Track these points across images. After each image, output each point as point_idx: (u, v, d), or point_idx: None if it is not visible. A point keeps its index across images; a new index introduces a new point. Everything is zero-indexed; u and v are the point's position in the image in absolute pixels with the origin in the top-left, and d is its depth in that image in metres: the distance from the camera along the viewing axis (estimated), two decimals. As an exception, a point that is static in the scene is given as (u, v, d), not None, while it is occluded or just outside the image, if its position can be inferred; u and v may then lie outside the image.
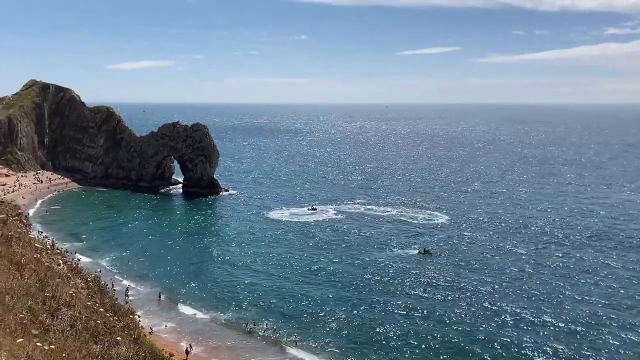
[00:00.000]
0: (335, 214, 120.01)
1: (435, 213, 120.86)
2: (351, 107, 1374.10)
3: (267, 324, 61.77)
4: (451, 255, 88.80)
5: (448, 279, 77.05)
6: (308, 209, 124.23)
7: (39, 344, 9.64)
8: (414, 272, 79.75)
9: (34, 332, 10.26)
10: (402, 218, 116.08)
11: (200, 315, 65.36)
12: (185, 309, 66.94)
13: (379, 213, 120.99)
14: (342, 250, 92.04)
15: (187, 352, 53.11)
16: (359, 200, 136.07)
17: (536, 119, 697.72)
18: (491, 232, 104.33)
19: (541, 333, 59.47)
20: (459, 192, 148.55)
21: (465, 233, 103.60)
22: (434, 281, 76.04)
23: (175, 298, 70.54)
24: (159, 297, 70.47)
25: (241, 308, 67.08)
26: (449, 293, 71.47)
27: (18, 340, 9.32)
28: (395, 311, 65.65)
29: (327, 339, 57.97)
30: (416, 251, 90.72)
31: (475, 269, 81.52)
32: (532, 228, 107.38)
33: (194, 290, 73.34)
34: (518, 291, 72.21)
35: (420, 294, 71.29)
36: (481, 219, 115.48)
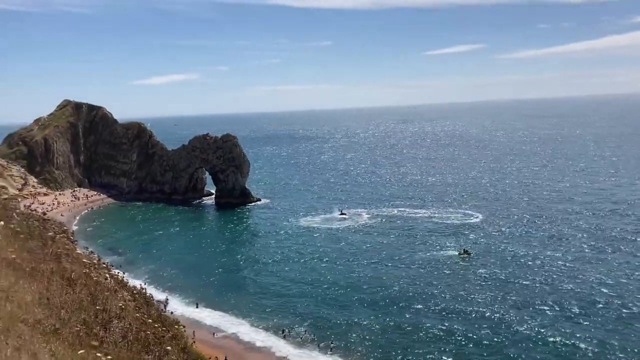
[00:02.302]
0: (369, 218, 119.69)
1: (470, 212, 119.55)
2: (377, 111, 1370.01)
3: (302, 330, 62.00)
4: (490, 255, 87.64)
5: (490, 280, 76.01)
6: (338, 214, 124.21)
7: (98, 354, 10.00)
8: (456, 274, 78.88)
9: (94, 343, 10.62)
10: (437, 219, 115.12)
11: (235, 322, 66.03)
12: (221, 317, 67.65)
13: (413, 215, 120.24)
14: (378, 255, 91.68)
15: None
16: (391, 203, 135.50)
17: (566, 112, 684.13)
18: (528, 229, 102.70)
19: (583, 335, 58.23)
20: (492, 191, 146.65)
21: (502, 231, 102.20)
22: (476, 283, 75.09)
23: (211, 307, 71.30)
24: (196, 306, 71.40)
25: (276, 315, 67.43)
26: (492, 294, 70.49)
27: (79, 352, 9.66)
28: (440, 315, 65.01)
29: (364, 345, 57.80)
30: (456, 252, 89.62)
31: (517, 269, 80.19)
32: (572, 227, 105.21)
33: (230, 299, 74.04)
34: (559, 290, 70.90)
35: (465, 296, 70.39)
36: (517, 216, 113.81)
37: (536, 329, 58.93)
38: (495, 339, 57.15)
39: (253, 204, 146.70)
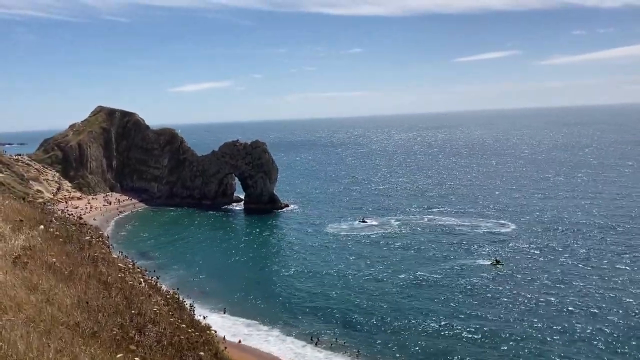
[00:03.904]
0: (398, 226, 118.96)
1: (501, 221, 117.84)
2: (408, 117, 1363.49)
3: (332, 337, 61.87)
4: (523, 265, 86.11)
5: (522, 292, 74.63)
6: (359, 222, 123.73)
7: (136, 358, 10.15)
8: (487, 284, 77.68)
9: (132, 347, 10.78)
10: (468, 227, 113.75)
11: (263, 328, 66.27)
12: (250, 323, 67.94)
13: (443, 223, 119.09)
14: (407, 262, 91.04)
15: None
16: (420, 210, 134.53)
17: (606, 120, 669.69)
18: (563, 242, 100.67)
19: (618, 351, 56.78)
20: (525, 201, 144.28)
21: (535, 242, 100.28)
22: (507, 294, 73.83)
23: (239, 313, 71.65)
24: (224, 311, 71.86)
25: (306, 321, 67.44)
26: (523, 307, 69.32)
27: (118, 356, 9.82)
28: (470, 324, 64.22)
29: (392, 351, 57.40)
30: (487, 262, 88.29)
31: (551, 280, 78.59)
32: (606, 236, 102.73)
33: (258, 305, 74.34)
34: (590, 309, 69.33)
35: (497, 306, 69.38)
36: (551, 228, 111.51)
37: (563, 345, 57.51)
38: (525, 349, 56.14)
39: (281, 210, 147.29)
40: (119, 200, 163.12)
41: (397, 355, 56.76)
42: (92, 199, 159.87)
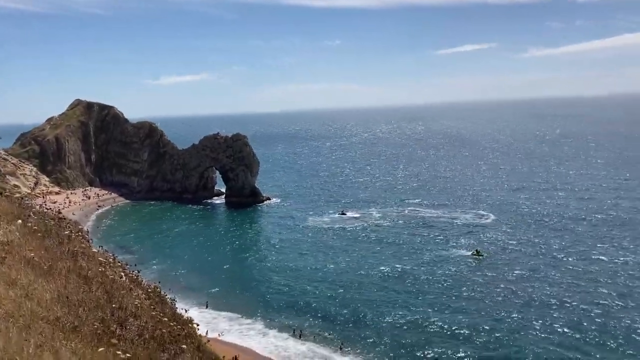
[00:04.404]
0: (380, 217, 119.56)
1: (481, 212, 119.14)
2: (390, 110, 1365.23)
3: (316, 329, 62.14)
4: (503, 255, 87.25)
5: (502, 282, 75.59)
6: (339, 214, 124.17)
7: (118, 352, 10.10)
8: (468, 275, 78.60)
9: (113, 341, 10.73)
10: (448, 218, 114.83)
11: (246, 321, 66.30)
12: (232, 317, 67.88)
13: (424, 214, 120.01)
14: (388, 254, 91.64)
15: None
16: (401, 202, 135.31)
17: (582, 112, 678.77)
18: (541, 231, 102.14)
19: (587, 342, 57.88)
20: (504, 192, 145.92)
21: (514, 232, 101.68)
22: (488, 283, 74.78)
23: (221, 307, 71.52)
24: (206, 306, 71.67)
25: (287, 314, 67.63)
26: (504, 296, 70.22)
27: (99, 350, 9.77)
28: (452, 315, 64.90)
29: (376, 342, 57.86)
30: (468, 252, 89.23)
31: (530, 270, 79.74)
32: (586, 231, 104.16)
33: (240, 299, 74.34)
34: (567, 297, 70.55)
35: (478, 296, 70.16)
36: (529, 218, 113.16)
37: (541, 334, 58.36)
38: (503, 341, 56.97)
39: (263, 203, 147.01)
40: (98, 194, 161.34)
41: (380, 347, 57.18)
42: (71, 193, 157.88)
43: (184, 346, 15.02)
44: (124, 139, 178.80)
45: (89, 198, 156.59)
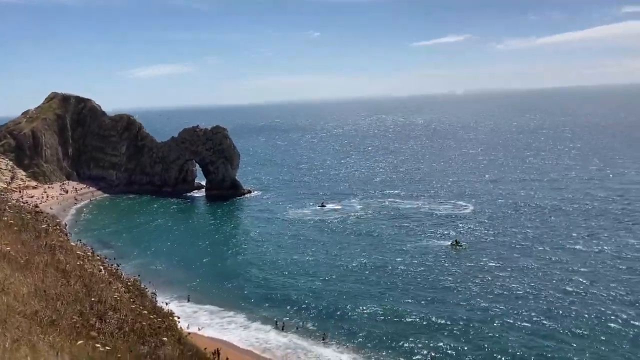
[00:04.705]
0: (360, 209, 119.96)
1: (461, 203, 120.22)
2: (368, 101, 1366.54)
3: (298, 321, 62.32)
4: (482, 247, 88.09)
5: (482, 272, 76.33)
6: (319, 206, 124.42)
7: (97, 345, 10.05)
8: (448, 265, 79.31)
9: (93, 334, 10.67)
10: (428, 209, 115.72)
11: (229, 314, 66.17)
12: (213, 310, 67.68)
13: (404, 205, 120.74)
14: (369, 245, 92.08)
15: (217, 354, 53.62)
16: (382, 194, 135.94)
17: (556, 103, 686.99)
18: (518, 219, 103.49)
19: (564, 330, 58.96)
20: (482, 183, 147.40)
21: (493, 222, 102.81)
22: (468, 273, 75.43)
23: (203, 300, 71.30)
24: (188, 299, 71.37)
25: (270, 306, 67.66)
26: (484, 286, 71.02)
27: (78, 343, 9.70)
28: (432, 305, 65.48)
29: (358, 333, 58.25)
30: (448, 243, 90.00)
31: (508, 260, 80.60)
32: (563, 218, 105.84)
33: (221, 292, 74.14)
34: (546, 285, 71.68)
35: (457, 287, 70.68)
36: (507, 208, 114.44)
37: (517, 323, 58.91)
38: (479, 330, 57.76)
39: (244, 196, 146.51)
40: (76, 188, 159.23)
41: (360, 338, 57.52)
42: (48, 187, 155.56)
43: (164, 338, 15.01)
44: (102, 132, 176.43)
45: (67, 192, 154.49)
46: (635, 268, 73.55)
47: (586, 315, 59.57)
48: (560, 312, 60.88)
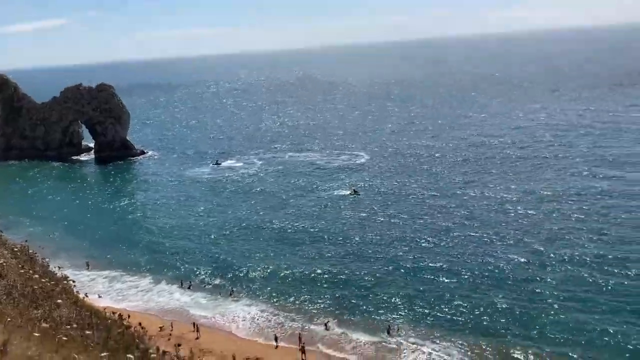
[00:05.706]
0: (259, 165, 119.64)
1: (356, 153, 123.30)
2: (265, 55, 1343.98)
3: (203, 279, 62.34)
4: (378, 193, 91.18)
5: (379, 217, 78.96)
6: (213, 164, 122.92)
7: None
8: (348, 213, 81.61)
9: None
10: (325, 161, 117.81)
11: (132, 278, 64.87)
12: (115, 276, 66.03)
13: (302, 159, 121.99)
14: (270, 198, 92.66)
15: (120, 317, 52.55)
16: (277, 149, 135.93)
17: (434, 54, 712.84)
18: (410, 166, 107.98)
19: (452, 266, 63.17)
20: (372, 132, 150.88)
21: (387, 170, 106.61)
22: (368, 220, 77.93)
23: (103, 266, 69.15)
24: (87, 266, 68.74)
25: (173, 266, 66.97)
26: (383, 231, 73.54)
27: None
28: (335, 255, 66.96)
29: (264, 287, 59.20)
30: (347, 192, 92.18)
31: (403, 206, 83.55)
32: (448, 164, 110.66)
33: (120, 257, 72.17)
34: (435, 224, 75.96)
35: (359, 234, 72.55)
36: (398, 155, 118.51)
37: (412, 273, 59.86)
38: (385, 275, 60.65)
39: (137, 157, 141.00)
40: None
41: (269, 293, 58.24)
42: None
43: (59, 301, 14.41)
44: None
45: None
46: (514, 208, 78.72)
47: (485, 264, 60.02)
48: (459, 262, 61.29)
